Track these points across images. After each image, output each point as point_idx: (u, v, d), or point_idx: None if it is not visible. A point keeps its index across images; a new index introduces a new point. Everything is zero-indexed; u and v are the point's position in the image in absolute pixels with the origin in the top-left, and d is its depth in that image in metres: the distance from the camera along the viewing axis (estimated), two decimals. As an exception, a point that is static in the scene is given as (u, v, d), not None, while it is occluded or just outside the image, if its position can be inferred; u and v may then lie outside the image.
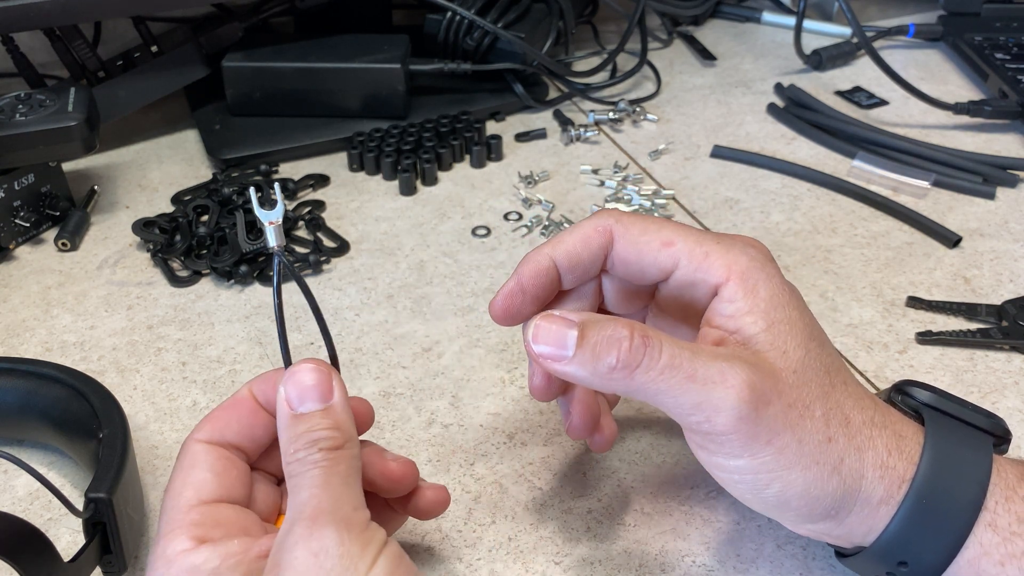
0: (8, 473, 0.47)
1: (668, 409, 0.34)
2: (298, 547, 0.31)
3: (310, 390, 0.35)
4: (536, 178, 0.70)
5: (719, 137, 0.75)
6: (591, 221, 0.39)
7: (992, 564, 0.34)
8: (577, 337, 0.34)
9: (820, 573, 0.41)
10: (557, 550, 0.42)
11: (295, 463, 0.34)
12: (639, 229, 0.38)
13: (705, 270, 0.36)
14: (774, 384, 0.34)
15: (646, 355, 0.33)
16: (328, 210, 0.67)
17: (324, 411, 0.35)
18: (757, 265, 0.36)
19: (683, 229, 0.38)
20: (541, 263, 0.38)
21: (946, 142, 0.72)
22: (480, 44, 0.76)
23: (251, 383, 0.38)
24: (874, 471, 0.35)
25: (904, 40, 0.90)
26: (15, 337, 0.55)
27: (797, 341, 0.35)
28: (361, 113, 0.74)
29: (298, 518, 0.32)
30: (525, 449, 0.47)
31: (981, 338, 0.53)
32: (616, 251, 0.38)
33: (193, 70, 0.74)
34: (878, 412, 0.36)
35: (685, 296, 0.38)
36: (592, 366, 0.34)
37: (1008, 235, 0.62)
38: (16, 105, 0.62)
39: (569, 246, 0.38)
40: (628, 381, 0.33)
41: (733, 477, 0.35)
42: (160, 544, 0.34)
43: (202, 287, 0.59)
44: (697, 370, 0.33)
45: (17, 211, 0.62)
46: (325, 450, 0.34)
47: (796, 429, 0.34)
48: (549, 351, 0.34)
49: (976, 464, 0.35)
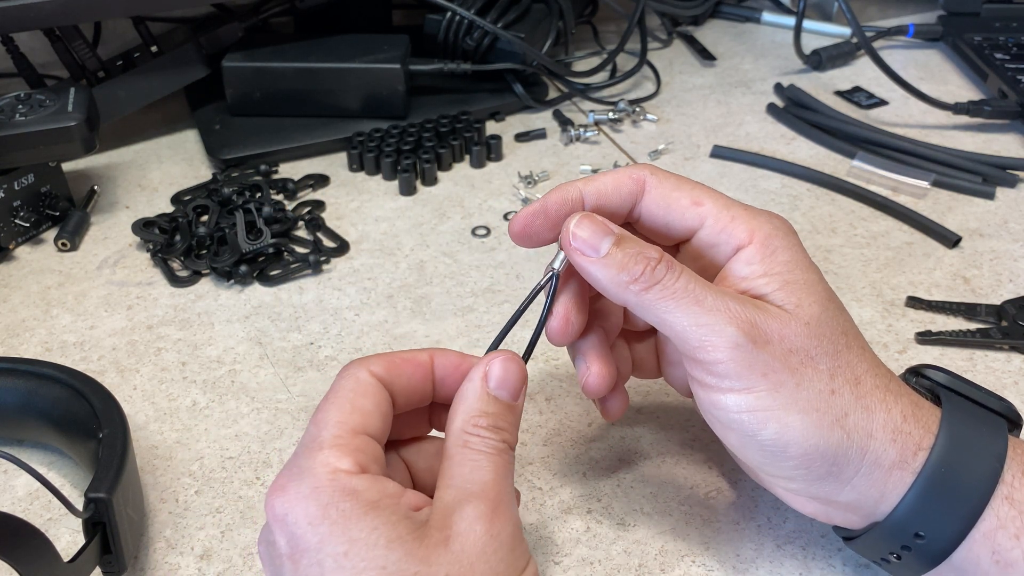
0: (8, 473, 0.47)
1: (672, 331, 0.35)
2: (479, 522, 0.32)
3: (510, 381, 0.36)
4: (536, 178, 0.70)
5: (719, 137, 0.75)
6: (627, 169, 0.39)
7: (1008, 537, 0.34)
8: (614, 242, 0.36)
9: (820, 573, 0.41)
10: (557, 550, 0.42)
11: (476, 437, 0.35)
12: (672, 184, 0.39)
13: (729, 232, 0.37)
14: (778, 328, 0.35)
15: (667, 275, 0.35)
16: (328, 210, 0.67)
17: (512, 406, 0.36)
18: (780, 233, 0.37)
19: (714, 192, 0.39)
20: (570, 194, 0.39)
21: (946, 142, 0.72)
22: (480, 44, 0.76)
23: (434, 351, 0.38)
24: (885, 433, 0.35)
25: (904, 40, 0.90)
26: (15, 337, 0.55)
27: (815, 298, 0.36)
28: (361, 113, 0.74)
29: (481, 495, 0.33)
30: (525, 449, 0.47)
31: (981, 338, 0.53)
32: (646, 202, 0.39)
33: (193, 70, 0.74)
34: (894, 382, 0.36)
35: (706, 256, 0.38)
36: (616, 271, 0.35)
37: (1008, 235, 0.62)
38: (16, 105, 0.62)
39: (601, 185, 0.39)
40: (644, 294, 0.35)
41: (730, 416, 0.35)
42: (323, 452, 0.33)
43: (202, 287, 0.59)
44: (707, 298, 0.35)
45: (17, 211, 0.62)
46: (505, 443, 0.35)
47: (795, 373, 0.34)
48: (583, 245, 0.36)
49: (993, 439, 0.35)
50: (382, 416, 0.35)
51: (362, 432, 0.34)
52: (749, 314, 0.35)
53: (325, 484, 0.32)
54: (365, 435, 0.34)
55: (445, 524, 0.32)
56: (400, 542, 0.31)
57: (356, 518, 0.31)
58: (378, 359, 0.37)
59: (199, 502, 0.45)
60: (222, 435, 0.48)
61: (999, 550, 0.34)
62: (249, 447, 0.48)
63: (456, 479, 0.34)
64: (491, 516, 0.33)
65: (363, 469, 0.33)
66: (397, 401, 0.37)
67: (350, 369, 0.36)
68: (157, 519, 0.44)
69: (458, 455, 0.35)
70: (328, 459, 0.33)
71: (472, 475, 0.34)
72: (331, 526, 0.31)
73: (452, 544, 0.32)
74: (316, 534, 0.31)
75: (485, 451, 0.35)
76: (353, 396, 0.35)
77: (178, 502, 0.45)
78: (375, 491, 0.32)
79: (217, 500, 0.45)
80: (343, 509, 0.31)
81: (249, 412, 0.50)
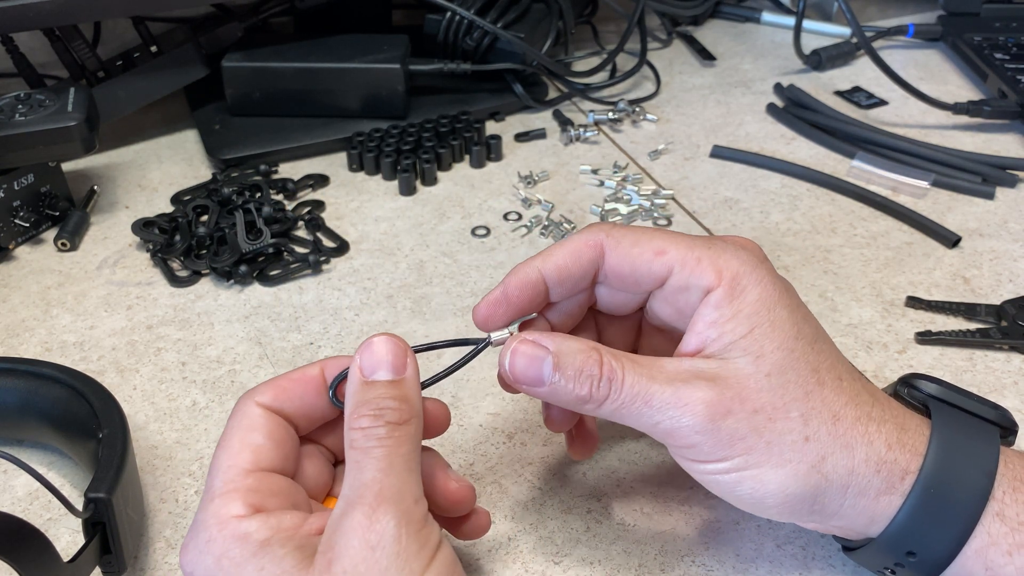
0: (8, 473, 0.47)
1: (634, 427, 0.36)
2: (355, 535, 0.31)
3: (384, 360, 0.35)
4: (536, 178, 0.70)
5: (718, 137, 0.75)
6: (582, 235, 0.39)
7: (1000, 554, 0.34)
8: (553, 365, 0.36)
9: (820, 572, 0.41)
10: (557, 550, 0.42)
11: (359, 433, 0.33)
12: (631, 241, 0.38)
13: (698, 275, 0.37)
14: (736, 393, 0.35)
15: (611, 389, 0.35)
16: (328, 210, 0.67)
17: (394, 382, 0.35)
18: (748, 268, 0.36)
19: (674, 236, 0.38)
20: (529, 276, 0.38)
21: (945, 142, 0.72)
22: (480, 44, 0.76)
23: (324, 362, 0.38)
24: (868, 466, 0.35)
25: (903, 40, 0.90)
26: (15, 337, 0.55)
27: (778, 343, 0.35)
28: (361, 113, 0.74)
29: (358, 501, 0.32)
30: (525, 449, 0.47)
31: (980, 338, 0.53)
32: (609, 264, 0.38)
33: (193, 70, 0.74)
34: (876, 407, 0.36)
35: (680, 301, 0.38)
36: (565, 396, 0.36)
37: (1007, 235, 0.62)
38: (16, 105, 0.62)
39: (559, 260, 0.38)
40: (598, 410, 0.36)
41: (707, 478, 0.36)
42: (214, 503, 0.33)
43: (202, 287, 0.59)
44: (654, 396, 0.35)
45: (17, 211, 0.62)
46: (391, 424, 0.34)
47: (764, 431, 0.35)
48: (527, 382, 0.36)
49: (983, 454, 0.35)
50: (277, 445, 0.35)
51: (255, 469, 0.34)
52: (702, 393, 0.35)
53: (215, 535, 0.32)
54: (259, 472, 0.34)
55: (329, 544, 0.31)
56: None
57: (245, 562, 0.32)
58: (264, 387, 0.36)
59: (199, 502, 0.45)
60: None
61: (992, 566, 0.34)
62: (249, 447, 0.48)
63: (344, 488, 0.33)
64: (368, 523, 0.31)
65: (257, 508, 0.33)
66: (298, 423, 0.37)
67: (238, 405, 0.36)
68: (157, 519, 0.44)
69: (347, 460, 0.34)
70: (218, 509, 0.33)
71: (354, 479, 0.33)
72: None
73: (334, 567, 0.31)
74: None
75: (366, 446, 0.33)
76: (242, 434, 0.35)
77: (178, 502, 0.45)
78: (266, 529, 0.32)
79: (217, 500, 0.45)
80: (233, 556, 0.32)
81: (249, 412, 0.50)
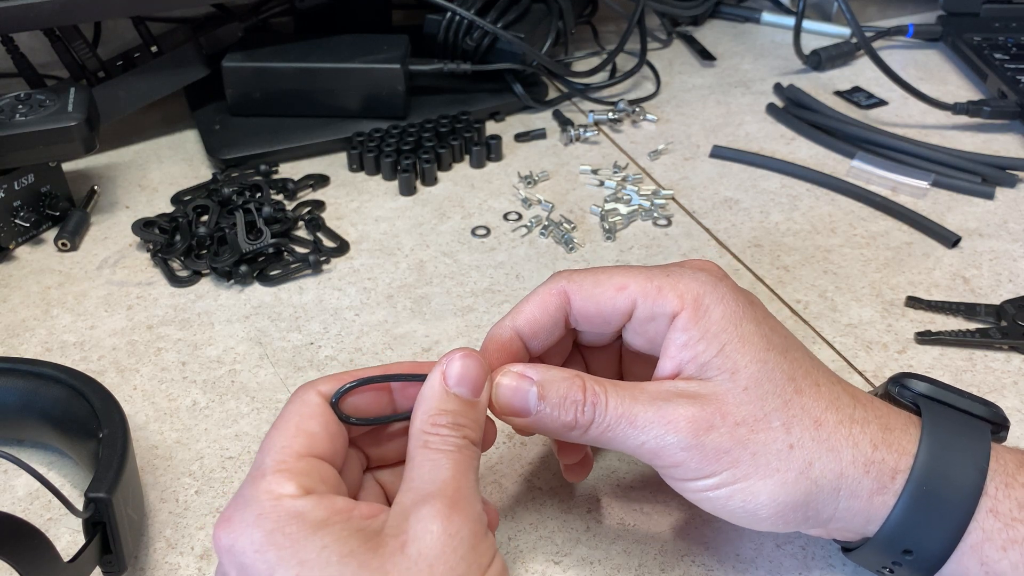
0: (8, 473, 0.47)
1: (621, 451, 0.37)
2: (435, 521, 0.32)
3: (469, 377, 0.36)
4: (536, 178, 0.70)
5: (718, 137, 0.75)
6: (544, 286, 0.40)
7: (995, 549, 0.34)
8: (537, 395, 0.36)
9: (819, 573, 0.41)
10: (556, 550, 0.42)
11: (435, 436, 0.34)
12: (591, 282, 0.39)
13: (661, 304, 0.37)
14: (718, 407, 0.35)
15: (596, 413, 0.36)
16: (328, 210, 0.67)
17: (473, 403, 0.36)
18: (708, 288, 0.37)
19: (633, 270, 0.39)
20: (504, 337, 0.39)
21: (945, 142, 0.72)
22: (480, 44, 0.76)
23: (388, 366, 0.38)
24: (856, 468, 0.35)
25: (903, 40, 0.90)
26: (15, 337, 0.55)
27: (751, 357, 0.36)
28: (361, 113, 0.74)
29: (437, 494, 0.32)
30: (525, 449, 0.47)
31: (980, 338, 0.53)
32: (576, 308, 0.39)
33: (193, 70, 0.74)
34: (859, 408, 0.36)
35: (650, 330, 0.39)
36: (552, 424, 0.37)
37: (1007, 235, 0.63)
38: (16, 105, 0.62)
39: (528, 314, 0.39)
40: (584, 435, 0.37)
41: (699, 496, 0.37)
42: (266, 479, 0.33)
43: (202, 287, 0.59)
44: (637, 416, 0.36)
45: (17, 211, 0.62)
46: (467, 440, 0.35)
47: (748, 444, 0.35)
48: (513, 412, 0.37)
49: (974, 451, 0.35)
50: (330, 437, 0.35)
51: (308, 454, 0.34)
52: (684, 410, 0.35)
53: (268, 511, 0.32)
54: (311, 457, 0.34)
55: (401, 529, 0.32)
56: (352, 556, 0.31)
57: (304, 539, 0.31)
58: (328, 380, 0.37)
59: (199, 502, 0.45)
60: (222, 435, 0.48)
61: (987, 562, 0.35)
62: (249, 447, 0.48)
63: (415, 481, 0.34)
64: (448, 514, 0.32)
65: (308, 491, 0.33)
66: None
67: (298, 392, 0.37)
68: (157, 519, 0.44)
69: (418, 456, 0.34)
70: (270, 486, 0.33)
71: (430, 475, 0.33)
72: (279, 551, 0.31)
73: (408, 548, 0.31)
74: (264, 561, 0.31)
75: (444, 449, 0.34)
76: (299, 419, 0.35)
77: (178, 502, 0.45)
78: (321, 510, 0.32)
79: (217, 500, 0.45)
80: (289, 533, 0.31)
81: (249, 412, 0.50)
